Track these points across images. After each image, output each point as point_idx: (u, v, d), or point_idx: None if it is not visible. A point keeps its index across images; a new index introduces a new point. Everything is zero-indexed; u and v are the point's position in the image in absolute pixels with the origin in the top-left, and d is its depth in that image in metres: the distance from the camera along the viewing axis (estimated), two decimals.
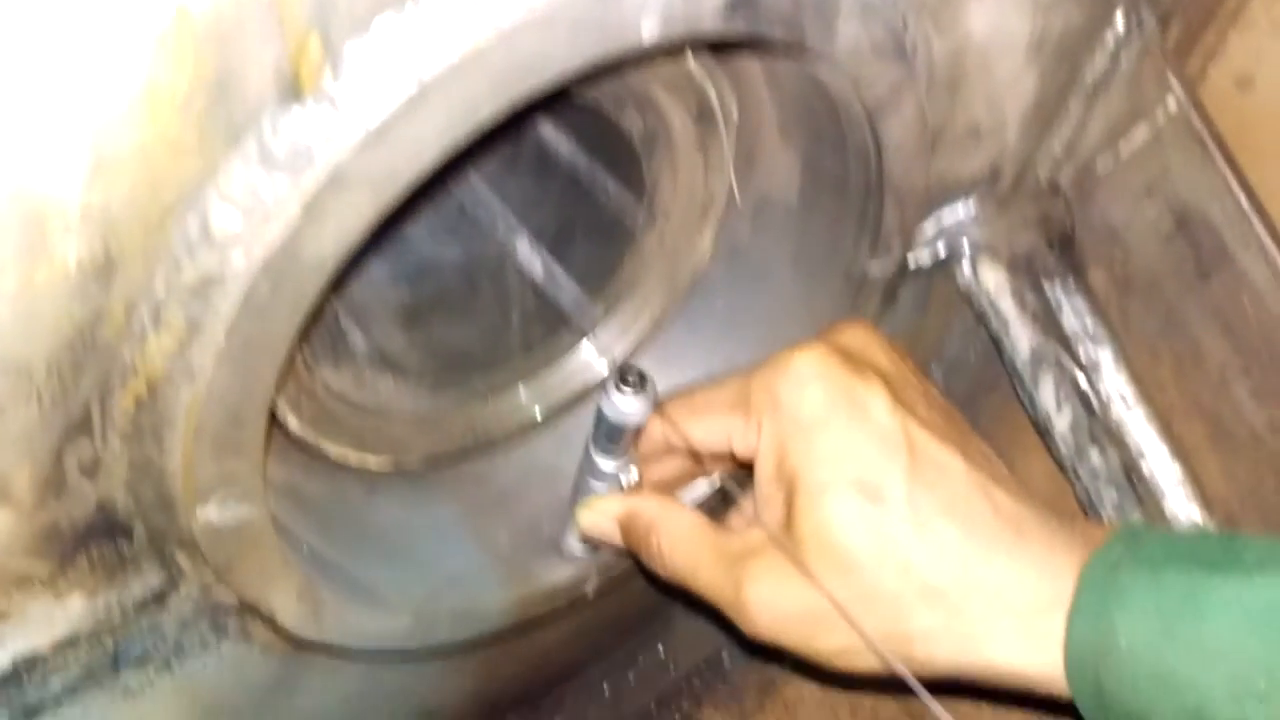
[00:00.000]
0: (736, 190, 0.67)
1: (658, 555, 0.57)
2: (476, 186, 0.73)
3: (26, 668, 0.47)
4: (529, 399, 0.68)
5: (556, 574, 0.65)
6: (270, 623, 0.52)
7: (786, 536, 0.51)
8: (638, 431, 0.57)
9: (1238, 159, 0.67)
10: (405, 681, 0.68)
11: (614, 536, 0.60)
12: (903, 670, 0.49)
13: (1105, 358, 0.75)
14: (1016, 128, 0.70)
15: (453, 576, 0.62)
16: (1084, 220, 0.76)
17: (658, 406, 0.56)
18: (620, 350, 0.70)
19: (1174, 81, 0.69)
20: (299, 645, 0.56)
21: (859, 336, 0.56)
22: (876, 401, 0.52)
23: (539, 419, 0.68)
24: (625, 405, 0.55)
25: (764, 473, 0.54)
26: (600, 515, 0.60)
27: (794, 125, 0.63)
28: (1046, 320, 0.77)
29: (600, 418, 0.56)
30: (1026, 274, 0.78)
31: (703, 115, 0.62)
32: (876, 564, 0.50)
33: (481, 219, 0.71)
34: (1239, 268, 0.67)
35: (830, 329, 0.57)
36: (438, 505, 0.64)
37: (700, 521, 0.56)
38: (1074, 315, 0.76)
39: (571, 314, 0.70)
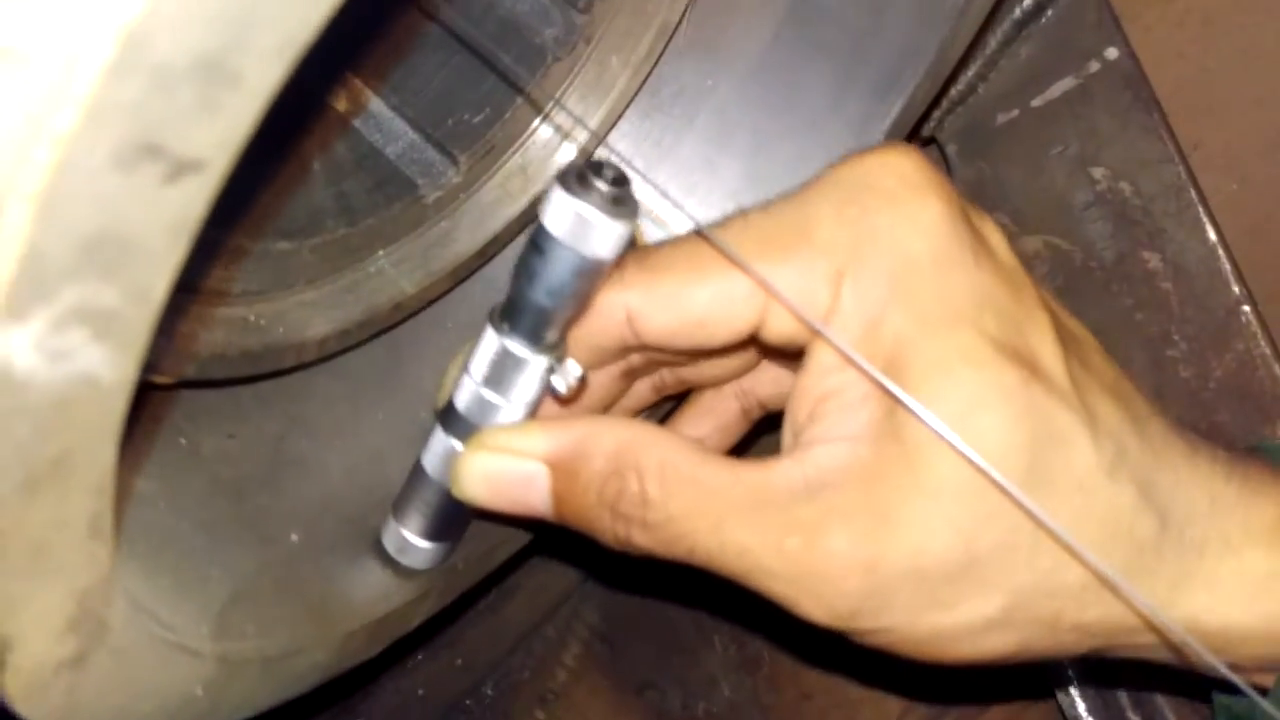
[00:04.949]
0: None
1: (642, 508, 0.34)
2: None
3: None
4: None
5: (376, 597, 0.41)
6: None
7: (889, 447, 0.33)
8: (584, 302, 0.35)
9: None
10: None
11: (526, 493, 0.36)
12: (1199, 648, 0.33)
13: None
14: None
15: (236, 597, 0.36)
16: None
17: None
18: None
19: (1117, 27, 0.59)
20: None
21: (917, 158, 0.36)
22: (995, 236, 0.36)
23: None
24: (604, 225, 0.32)
25: (836, 353, 0.34)
26: (511, 454, 0.36)
27: None
28: None
29: (541, 257, 0.33)
30: None
31: None
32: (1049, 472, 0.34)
33: None
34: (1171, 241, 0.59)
35: (873, 149, 0.37)
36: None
37: (707, 451, 0.36)
38: None
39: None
